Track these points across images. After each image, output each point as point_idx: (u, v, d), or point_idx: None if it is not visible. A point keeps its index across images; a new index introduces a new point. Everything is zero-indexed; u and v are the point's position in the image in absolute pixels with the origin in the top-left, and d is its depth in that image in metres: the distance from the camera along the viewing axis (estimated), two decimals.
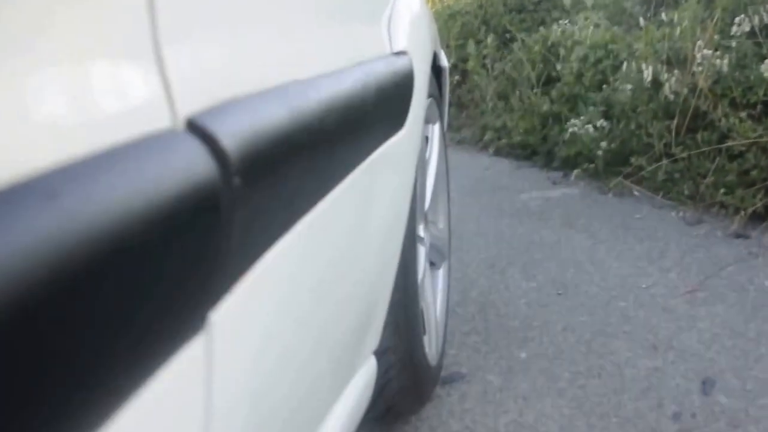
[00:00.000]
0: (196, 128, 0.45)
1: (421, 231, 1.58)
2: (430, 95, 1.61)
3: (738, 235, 2.58)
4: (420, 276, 1.49)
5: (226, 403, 0.54)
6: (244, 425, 0.61)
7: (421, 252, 1.55)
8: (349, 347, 1.05)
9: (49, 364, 0.32)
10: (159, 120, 0.43)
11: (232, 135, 0.47)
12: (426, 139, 1.72)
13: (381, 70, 0.93)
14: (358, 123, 0.81)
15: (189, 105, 0.46)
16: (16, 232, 0.29)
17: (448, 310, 1.93)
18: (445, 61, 1.99)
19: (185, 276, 0.43)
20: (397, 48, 1.15)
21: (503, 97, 4.56)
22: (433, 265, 1.82)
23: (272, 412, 0.71)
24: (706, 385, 1.66)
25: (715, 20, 3.14)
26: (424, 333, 1.56)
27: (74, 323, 0.33)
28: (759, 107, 2.85)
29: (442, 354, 1.76)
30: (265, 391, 0.66)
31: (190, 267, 0.43)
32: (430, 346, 1.61)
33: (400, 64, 1.07)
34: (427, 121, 1.71)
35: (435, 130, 1.79)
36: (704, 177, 2.87)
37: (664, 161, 3.07)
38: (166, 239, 0.39)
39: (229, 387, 0.55)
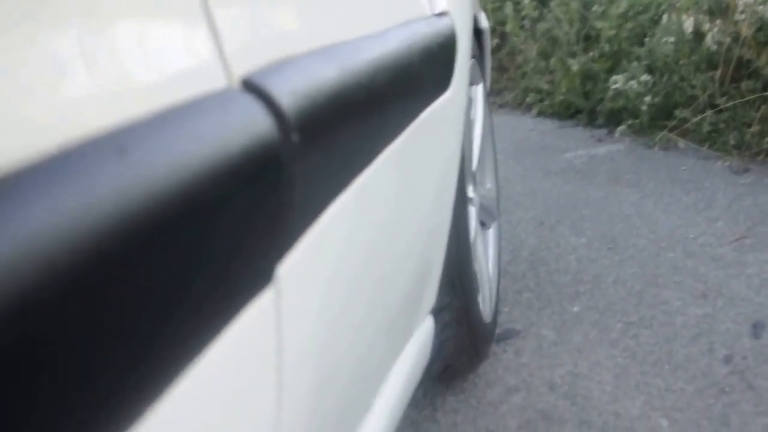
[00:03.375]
0: (252, 87, 0.47)
1: (470, 191, 1.63)
2: (472, 56, 1.65)
3: None
4: (471, 235, 1.54)
5: (295, 355, 0.57)
6: (312, 378, 0.64)
7: (472, 212, 1.60)
8: (406, 305, 1.09)
9: (128, 314, 0.33)
10: (215, 80, 0.44)
11: (287, 93, 0.49)
12: (470, 101, 1.75)
13: (424, 30, 0.96)
14: (405, 83, 0.84)
15: (242, 65, 0.48)
16: (88, 185, 0.30)
17: (500, 269, 1.99)
18: (485, 23, 2.02)
19: (253, 229, 0.44)
20: (439, 9, 1.18)
21: (544, 57, 4.55)
22: (483, 225, 1.87)
23: (338, 365, 0.74)
24: (757, 329, 1.70)
25: None
26: (478, 291, 1.61)
27: (148, 275, 0.34)
28: None
29: (496, 312, 1.82)
30: (330, 344, 0.70)
31: (257, 220, 0.44)
32: (485, 303, 1.66)
33: (442, 24, 1.09)
34: (471, 82, 1.75)
35: (478, 91, 1.83)
36: (749, 126, 2.87)
37: (709, 112, 3.07)
38: (233, 193, 0.41)
39: (298, 339, 0.58)
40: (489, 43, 2.10)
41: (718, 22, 3.11)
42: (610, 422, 1.46)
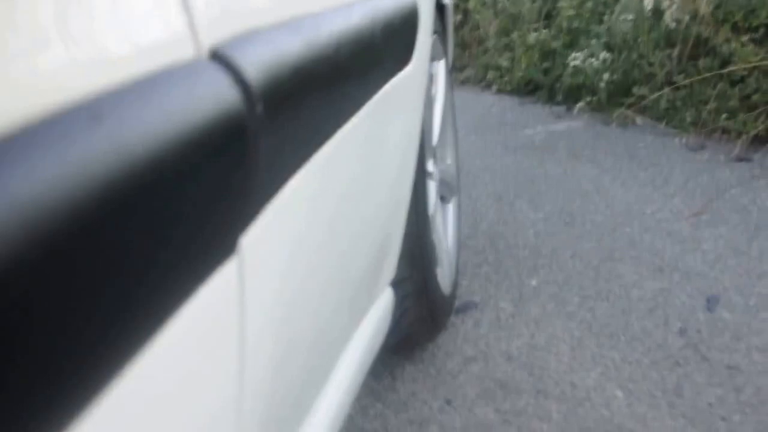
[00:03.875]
0: (219, 58, 0.47)
1: (430, 166, 1.62)
2: (434, 32, 1.64)
3: (740, 159, 2.62)
4: (431, 209, 1.54)
5: (258, 324, 0.57)
6: (275, 347, 0.65)
7: (432, 186, 1.60)
8: (366, 276, 1.10)
9: (95, 280, 0.33)
10: (184, 50, 0.45)
11: (254, 64, 0.50)
12: (431, 76, 1.75)
13: (387, 5, 0.96)
14: (368, 56, 0.84)
15: (212, 36, 0.48)
16: (66, 149, 0.31)
17: (460, 243, 1.99)
18: None
19: (217, 199, 0.45)
20: None
21: (505, 34, 4.55)
22: (443, 199, 1.87)
23: (300, 335, 0.75)
24: (711, 303, 1.72)
25: None
26: (437, 264, 1.61)
27: (115, 241, 0.35)
28: (761, 30, 2.86)
29: (456, 284, 1.82)
30: (292, 314, 0.70)
31: (222, 191, 0.45)
32: (444, 276, 1.66)
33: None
34: (432, 58, 1.74)
35: (440, 67, 1.82)
36: (706, 103, 2.90)
37: (666, 90, 3.10)
38: (198, 163, 0.41)
39: (261, 309, 0.58)
40: (451, 18, 2.09)
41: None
42: (567, 392, 1.47)
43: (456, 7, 5.08)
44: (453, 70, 4.73)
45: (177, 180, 0.39)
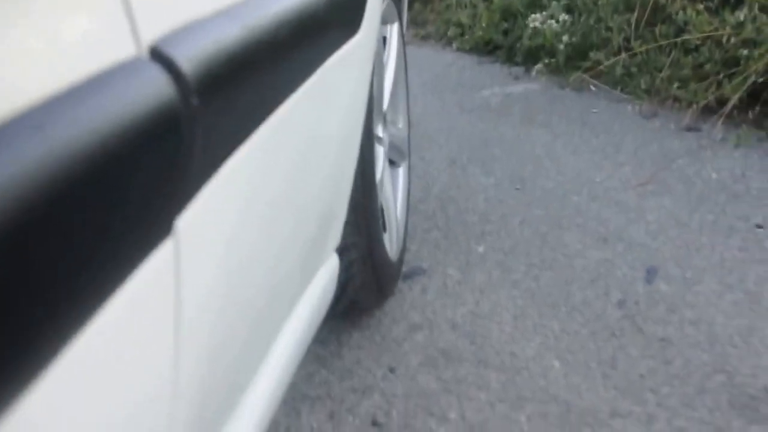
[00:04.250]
0: (158, 55, 0.50)
1: (379, 131, 1.63)
2: None
3: (690, 129, 2.66)
4: (379, 175, 1.55)
5: (195, 303, 0.60)
6: (213, 323, 0.66)
7: (380, 151, 1.61)
8: (310, 246, 1.11)
9: (35, 270, 0.36)
10: (125, 49, 0.47)
11: (191, 59, 0.52)
12: (384, 40, 1.74)
13: None
14: (311, 33, 0.85)
15: (152, 32, 0.51)
16: (12, 155, 0.35)
17: (409, 208, 2.01)
18: None
19: (151, 187, 0.48)
20: None
21: None
22: (393, 163, 1.87)
23: (241, 309, 0.77)
24: (650, 274, 1.77)
25: None
26: (385, 230, 1.63)
27: (57, 231, 0.38)
28: (716, 0, 2.88)
29: (404, 250, 1.84)
30: (233, 289, 0.72)
31: (156, 179, 0.48)
32: (391, 242, 1.68)
33: None
34: (385, 21, 1.74)
35: (393, 31, 1.81)
36: (660, 71, 2.93)
37: (623, 55, 3.12)
38: (131, 158, 0.45)
39: (198, 288, 0.60)
40: None
41: None
42: (507, 362, 1.51)
43: None
44: (414, 26, 4.71)
45: (113, 171, 0.43)
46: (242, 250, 0.73)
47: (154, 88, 0.47)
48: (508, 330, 1.61)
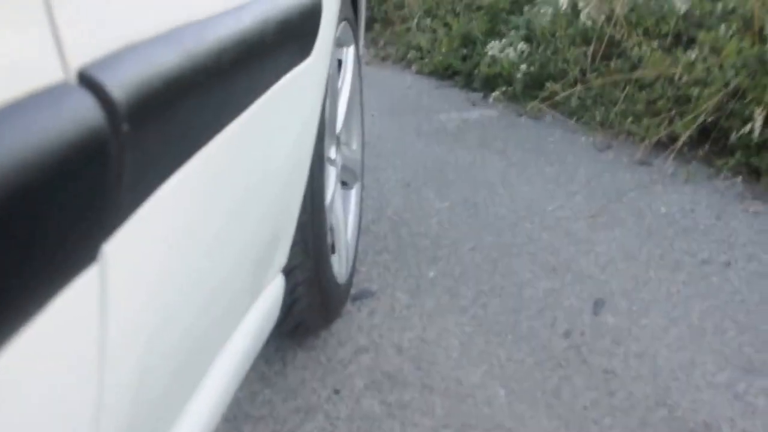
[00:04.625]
0: (86, 80, 0.48)
1: (332, 153, 1.62)
2: (344, 19, 1.63)
3: (642, 163, 2.69)
4: (329, 196, 1.54)
5: (123, 328, 0.58)
6: (143, 348, 0.64)
7: (332, 173, 1.60)
8: (255, 266, 1.09)
9: None
10: (51, 73, 0.46)
11: (121, 84, 0.51)
12: (339, 62, 1.74)
13: (285, 3, 0.95)
14: (256, 58, 0.83)
15: (81, 57, 0.49)
16: None
17: (361, 229, 2.00)
18: None
19: (75, 213, 0.47)
20: None
21: (430, 15, 4.56)
22: (345, 185, 1.87)
23: (175, 333, 0.75)
24: (597, 306, 1.78)
25: None
26: (333, 252, 1.62)
27: None
28: (670, 38, 2.94)
29: (353, 272, 1.83)
30: (167, 313, 0.70)
31: (80, 205, 0.47)
32: (340, 264, 1.67)
33: None
34: (341, 44, 1.73)
35: (349, 53, 1.81)
36: (615, 104, 2.97)
37: (579, 87, 3.15)
38: (54, 183, 0.43)
39: (126, 313, 0.59)
40: (364, 3, 2.08)
41: None
42: (451, 388, 1.50)
43: None
44: (374, 47, 4.72)
45: (34, 195, 0.42)
46: (178, 275, 0.72)
47: (81, 114, 0.46)
48: (455, 356, 1.61)
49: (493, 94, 3.52)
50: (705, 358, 1.59)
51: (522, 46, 3.51)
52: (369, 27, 4.94)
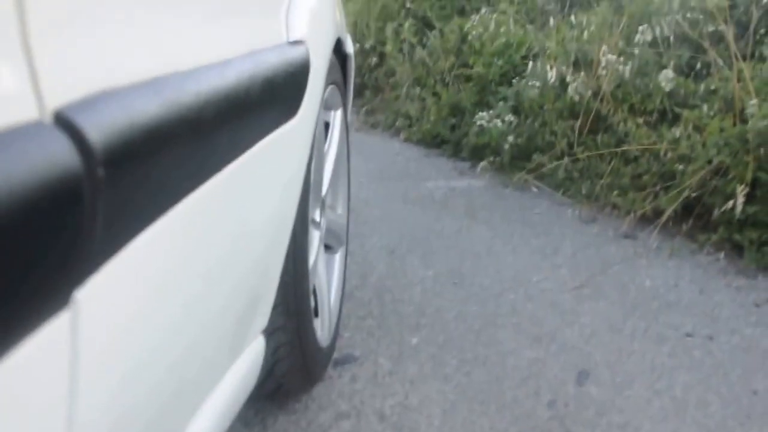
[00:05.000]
0: (62, 121, 0.48)
1: (316, 215, 1.62)
2: (332, 82, 1.64)
3: (627, 236, 2.71)
4: (312, 259, 1.53)
5: (93, 377, 0.57)
6: (114, 399, 0.63)
7: (315, 236, 1.59)
8: (235, 326, 1.07)
9: None
10: (26, 112, 0.45)
11: (99, 128, 0.50)
12: (326, 125, 1.75)
13: (272, 60, 0.95)
14: (240, 114, 0.83)
15: (59, 97, 0.48)
16: None
17: (345, 294, 1.99)
18: (350, 48, 2.02)
19: (46, 257, 0.46)
20: (295, 37, 1.16)
21: (418, 83, 4.62)
22: (329, 248, 1.86)
23: (148, 387, 0.73)
24: (581, 377, 1.76)
25: (621, 27, 3.27)
26: (316, 315, 1.60)
27: None
28: (655, 115, 2.99)
29: (335, 336, 1.81)
30: (139, 366, 0.68)
31: (51, 249, 0.46)
32: (323, 327, 1.65)
33: (294, 53, 1.09)
34: (329, 107, 1.75)
35: (337, 116, 1.82)
36: (601, 178, 3.00)
37: (566, 159, 3.19)
38: (24, 225, 0.43)
39: (98, 361, 0.58)
40: (353, 68, 2.10)
41: (582, 74, 3.24)
42: None
43: (373, 48, 5.16)
44: (363, 113, 4.78)
45: (7, 238, 0.41)
46: (151, 328, 0.70)
47: (56, 155, 0.45)
48: (437, 424, 1.58)
49: (481, 164, 3.55)
50: (688, 430, 1.57)
51: (510, 117, 3.56)
52: (359, 94, 5.01)
